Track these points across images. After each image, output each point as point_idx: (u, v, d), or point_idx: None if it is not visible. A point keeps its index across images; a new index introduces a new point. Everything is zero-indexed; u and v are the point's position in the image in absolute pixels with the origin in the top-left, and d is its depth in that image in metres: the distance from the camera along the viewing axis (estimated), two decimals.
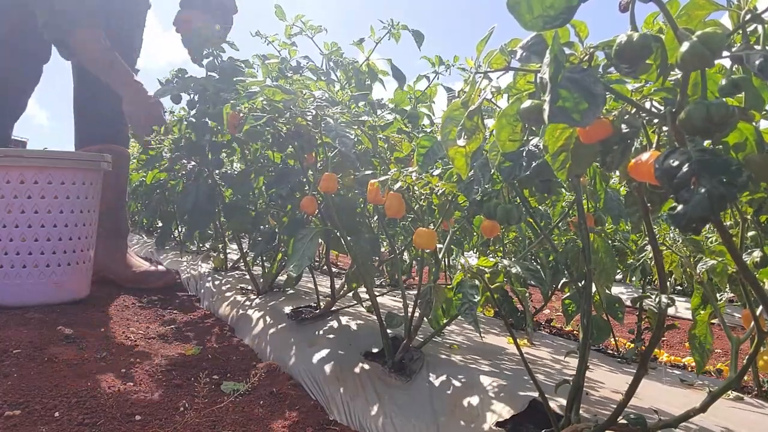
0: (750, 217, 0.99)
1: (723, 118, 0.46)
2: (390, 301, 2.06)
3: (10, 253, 1.81)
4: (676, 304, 2.55)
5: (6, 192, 1.80)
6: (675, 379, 1.40)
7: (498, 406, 0.95)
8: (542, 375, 1.20)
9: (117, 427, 1.01)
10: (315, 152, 1.37)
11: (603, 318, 1.42)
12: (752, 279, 0.57)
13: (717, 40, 0.46)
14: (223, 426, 1.03)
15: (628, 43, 0.50)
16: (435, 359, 1.16)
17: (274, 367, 1.33)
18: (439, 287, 0.99)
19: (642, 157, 0.51)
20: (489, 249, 2.20)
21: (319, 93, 1.34)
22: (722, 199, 0.43)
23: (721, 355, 2.01)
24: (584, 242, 0.86)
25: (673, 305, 0.68)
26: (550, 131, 0.62)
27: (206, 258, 2.84)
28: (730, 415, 1.06)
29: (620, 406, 0.76)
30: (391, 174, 1.00)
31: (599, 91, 0.49)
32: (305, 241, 1.23)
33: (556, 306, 2.59)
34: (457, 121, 0.70)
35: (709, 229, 1.45)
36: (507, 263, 0.87)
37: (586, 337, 0.83)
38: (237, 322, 1.76)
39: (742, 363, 0.75)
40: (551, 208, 1.86)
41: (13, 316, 1.69)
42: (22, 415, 1.02)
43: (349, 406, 1.09)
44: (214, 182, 1.84)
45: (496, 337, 1.57)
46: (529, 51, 0.58)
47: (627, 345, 1.79)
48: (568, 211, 1.43)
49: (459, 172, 0.76)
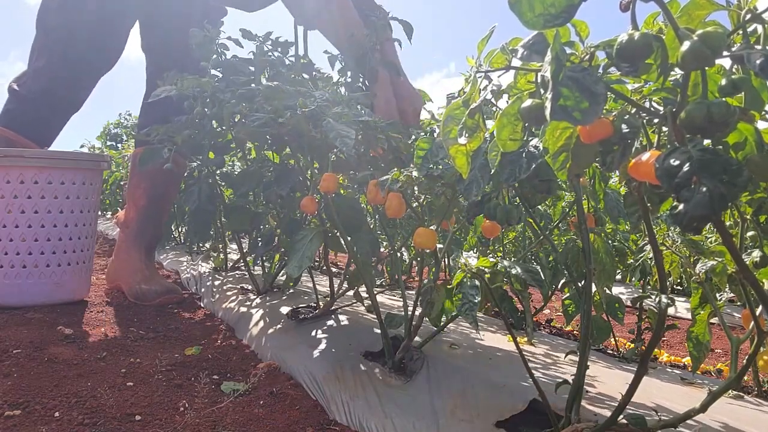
0: (749, 217, 0.99)
1: (724, 118, 0.46)
2: (390, 300, 2.06)
3: (10, 253, 1.81)
4: (676, 304, 2.56)
5: (6, 192, 1.80)
6: (675, 378, 1.40)
7: (498, 406, 0.96)
8: (542, 375, 1.20)
9: (117, 427, 1.01)
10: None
11: (603, 318, 1.42)
12: (752, 279, 0.57)
13: (717, 40, 0.46)
14: (223, 426, 1.03)
15: (630, 42, 0.50)
16: (435, 359, 1.16)
17: (274, 367, 1.33)
18: (440, 287, 0.99)
19: (642, 156, 0.51)
20: (489, 249, 2.20)
21: (319, 93, 1.34)
22: (723, 199, 0.43)
23: (721, 355, 2.01)
24: (584, 242, 0.86)
25: (673, 305, 0.68)
26: (551, 131, 0.62)
27: (206, 258, 2.84)
28: (731, 414, 1.06)
29: (621, 405, 0.76)
30: (391, 174, 1.00)
31: (600, 90, 0.49)
32: (305, 241, 1.24)
33: (556, 306, 2.59)
34: (457, 120, 0.70)
35: (709, 229, 1.45)
36: (507, 264, 0.87)
37: (586, 337, 0.83)
38: (237, 322, 1.76)
39: (742, 363, 0.75)
40: (551, 208, 1.86)
41: (13, 316, 1.69)
42: (22, 415, 1.02)
43: (349, 406, 1.09)
44: (215, 182, 1.84)
45: (496, 337, 1.57)
46: (530, 50, 0.58)
47: (627, 345, 1.79)
48: (568, 211, 1.43)
49: (460, 171, 0.76)
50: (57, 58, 2.01)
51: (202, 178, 1.78)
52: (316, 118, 1.23)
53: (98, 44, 2.05)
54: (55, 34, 2.01)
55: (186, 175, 2.05)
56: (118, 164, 4.83)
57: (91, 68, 2.11)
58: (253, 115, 1.29)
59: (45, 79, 2.02)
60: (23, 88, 2.04)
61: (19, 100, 2.03)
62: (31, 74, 2.05)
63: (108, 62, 2.15)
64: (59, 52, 2.01)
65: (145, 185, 2.15)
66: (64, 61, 2.01)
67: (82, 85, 2.12)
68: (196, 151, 1.74)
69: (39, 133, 2.06)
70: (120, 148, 7.88)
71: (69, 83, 2.06)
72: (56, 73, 2.02)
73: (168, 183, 2.13)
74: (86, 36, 2.01)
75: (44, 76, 2.02)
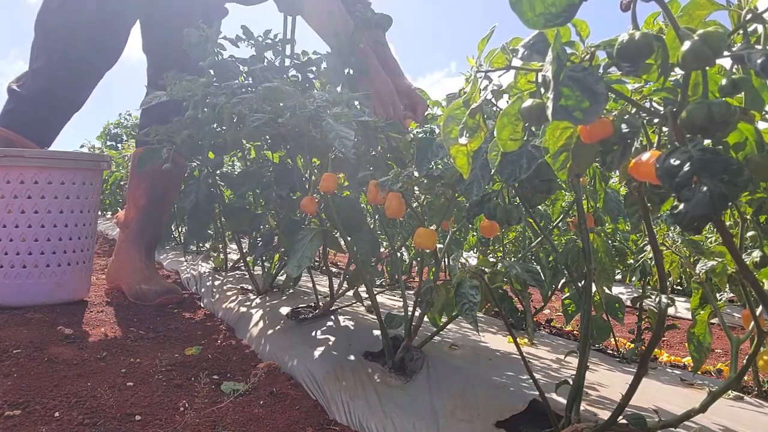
0: (749, 217, 0.99)
1: (724, 117, 0.46)
2: (390, 300, 2.06)
3: (10, 253, 1.81)
4: (676, 304, 2.56)
5: (6, 192, 1.80)
6: (675, 378, 1.40)
7: (498, 406, 0.96)
8: (542, 375, 1.20)
9: (117, 427, 1.01)
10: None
11: (603, 318, 1.42)
12: (752, 279, 0.57)
13: (718, 39, 0.46)
14: (223, 426, 1.03)
15: (630, 42, 0.50)
16: (435, 359, 1.16)
17: (274, 367, 1.33)
18: (440, 286, 0.99)
19: (642, 156, 0.51)
20: (489, 249, 2.20)
21: (319, 93, 1.34)
22: (724, 198, 0.43)
23: (721, 355, 2.01)
24: (584, 242, 0.86)
25: (673, 305, 0.68)
26: (551, 131, 0.62)
27: (206, 258, 2.84)
28: (731, 414, 1.06)
29: (620, 406, 0.76)
30: (391, 174, 1.00)
31: (601, 89, 0.49)
32: (305, 241, 1.24)
33: (556, 306, 2.59)
34: (458, 120, 0.70)
35: (709, 229, 1.45)
36: (507, 264, 0.87)
37: (586, 337, 0.83)
38: (237, 322, 1.76)
39: (742, 363, 0.75)
40: (551, 207, 1.86)
41: (13, 316, 1.69)
42: (22, 415, 1.02)
43: (349, 406, 1.09)
44: (214, 182, 1.84)
45: (496, 337, 1.57)
46: (530, 49, 0.58)
47: (627, 345, 1.79)
48: (568, 211, 1.43)
49: (460, 171, 0.76)
50: (56, 58, 2.01)
51: (202, 179, 1.78)
52: (315, 119, 1.23)
53: (98, 44, 2.05)
54: (54, 34, 2.01)
55: (186, 176, 2.04)
56: (118, 164, 4.83)
57: (90, 68, 2.11)
58: (252, 115, 1.29)
59: (44, 79, 2.02)
60: (23, 88, 2.03)
61: (19, 101, 2.03)
62: (31, 74, 2.04)
63: (108, 62, 2.15)
64: (59, 52, 2.00)
65: (145, 185, 2.14)
66: (64, 61, 2.01)
67: (82, 85, 2.12)
68: (195, 151, 1.74)
69: (39, 134, 2.06)
70: (120, 148, 7.88)
71: (68, 83, 2.06)
72: (56, 73, 2.01)
73: (168, 183, 2.13)
74: (86, 36, 2.00)
75: (43, 76, 2.02)
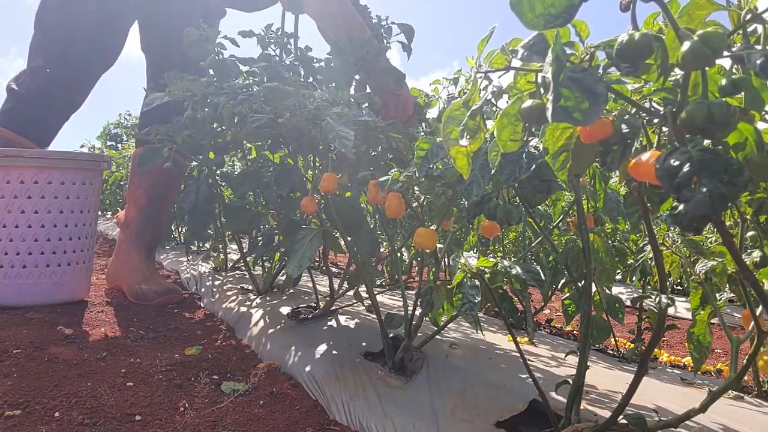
0: (749, 217, 0.99)
1: (724, 117, 0.46)
2: (390, 300, 2.06)
3: (10, 253, 1.81)
4: (676, 304, 2.56)
5: (6, 192, 1.80)
6: (675, 378, 1.40)
7: (498, 406, 0.96)
8: (542, 375, 1.20)
9: (117, 427, 1.01)
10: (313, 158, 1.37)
11: (603, 318, 1.42)
12: (752, 279, 0.57)
13: (718, 40, 0.46)
14: (223, 426, 1.03)
15: (630, 42, 0.50)
16: (435, 359, 1.16)
17: (274, 367, 1.33)
18: (440, 286, 0.99)
19: (642, 157, 0.51)
20: (489, 249, 2.20)
21: (319, 93, 1.34)
22: (724, 199, 0.43)
23: (721, 355, 2.01)
24: (584, 242, 0.86)
25: (673, 305, 0.68)
26: (551, 131, 0.62)
27: (206, 258, 2.84)
28: (731, 414, 1.06)
29: (621, 405, 0.76)
30: (391, 174, 1.00)
31: (600, 90, 0.49)
32: (305, 241, 1.23)
33: (556, 306, 2.59)
34: (458, 121, 0.70)
35: (709, 229, 1.45)
36: (507, 264, 0.87)
37: (586, 336, 0.83)
38: (237, 322, 1.76)
39: (742, 363, 0.75)
40: (551, 207, 1.86)
41: (13, 316, 1.69)
42: (22, 415, 1.02)
43: (349, 406, 1.09)
44: (214, 182, 1.84)
45: (496, 337, 1.57)
46: (530, 50, 0.58)
47: (627, 345, 1.79)
48: (568, 211, 1.43)
49: (461, 171, 0.76)
50: (55, 57, 2.00)
51: (202, 178, 1.78)
52: (315, 118, 1.23)
53: (97, 44, 2.05)
54: (53, 33, 2.01)
55: (186, 176, 2.04)
56: (118, 164, 4.83)
57: (89, 68, 2.11)
58: (252, 115, 1.29)
59: (42, 79, 2.01)
60: (21, 87, 2.03)
61: (18, 99, 2.03)
62: (29, 73, 2.04)
63: (106, 62, 2.15)
64: (57, 52, 2.00)
65: (145, 185, 2.14)
66: (62, 61, 2.01)
67: (80, 85, 2.12)
68: (195, 151, 1.74)
69: (37, 133, 2.05)
70: (120, 148, 7.89)
71: (67, 83, 2.05)
72: (54, 73, 2.01)
73: (168, 183, 2.13)
74: (85, 36, 2.00)
75: (42, 75, 2.02)
